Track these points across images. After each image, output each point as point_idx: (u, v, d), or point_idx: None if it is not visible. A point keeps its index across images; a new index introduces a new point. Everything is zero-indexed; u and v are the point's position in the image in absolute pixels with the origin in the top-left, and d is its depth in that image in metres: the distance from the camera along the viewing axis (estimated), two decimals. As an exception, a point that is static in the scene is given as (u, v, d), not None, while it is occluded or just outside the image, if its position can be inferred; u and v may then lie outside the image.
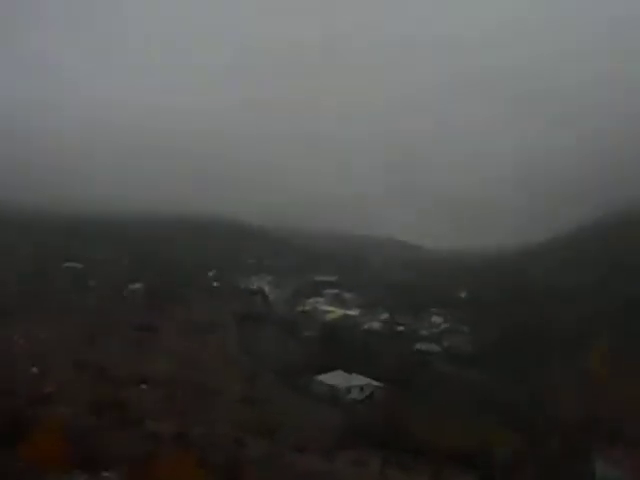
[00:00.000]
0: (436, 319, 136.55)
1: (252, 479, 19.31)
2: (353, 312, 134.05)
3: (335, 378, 71.99)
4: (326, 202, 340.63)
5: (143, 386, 51.69)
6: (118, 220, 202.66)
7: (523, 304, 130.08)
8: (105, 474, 18.34)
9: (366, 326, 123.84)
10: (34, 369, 47.39)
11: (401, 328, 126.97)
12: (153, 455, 20.44)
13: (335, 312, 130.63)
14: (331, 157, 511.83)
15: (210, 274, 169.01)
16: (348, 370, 75.33)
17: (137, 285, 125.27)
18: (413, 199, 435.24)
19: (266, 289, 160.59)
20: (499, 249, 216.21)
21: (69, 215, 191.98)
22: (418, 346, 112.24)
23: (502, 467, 40.81)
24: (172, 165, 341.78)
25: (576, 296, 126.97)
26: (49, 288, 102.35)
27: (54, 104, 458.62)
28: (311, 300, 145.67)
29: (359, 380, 72.27)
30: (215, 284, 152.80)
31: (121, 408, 31.91)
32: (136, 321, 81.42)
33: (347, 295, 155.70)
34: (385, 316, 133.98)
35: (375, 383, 71.67)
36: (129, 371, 55.02)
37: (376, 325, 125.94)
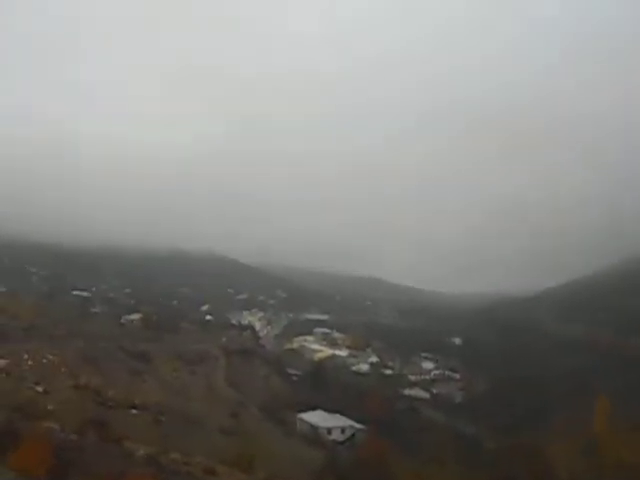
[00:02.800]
0: (427, 365, 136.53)
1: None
2: (342, 352, 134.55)
3: (316, 417, 72.27)
4: (324, 243, 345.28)
5: (133, 411, 52.72)
6: (121, 254, 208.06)
7: (518, 354, 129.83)
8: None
9: (354, 367, 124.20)
10: (38, 388, 48.39)
11: (389, 372, 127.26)
12: (123, 474, 21.90)
13: (324, 351, 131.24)
14: (328, 201, 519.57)
15: (203, 308, 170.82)
16: (333, 410, 75.58)
17: (135, 315, 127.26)
18: (411, 245, 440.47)
19: (257, 325, 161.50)
20: (496, 296, 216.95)
21: (74, 247, 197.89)
22: (406, 392, 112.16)
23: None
24: (168, 202, 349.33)
25: (573, 347, 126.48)
26: (57, 314, 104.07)
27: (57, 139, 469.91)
28: (300, 338, 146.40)
29: (341, 421, 72.47)
30: (207, 317, 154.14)
31: (105, 428, 33.21)
32: (132, 349, 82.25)
33: (337, 335, 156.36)
34: (374, 359, 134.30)
35: (357, 425, 71.68)
36: (122, 395, 56.14)
37: (364, 367, 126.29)
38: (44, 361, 58.28)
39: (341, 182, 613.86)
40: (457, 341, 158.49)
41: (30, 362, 56.14)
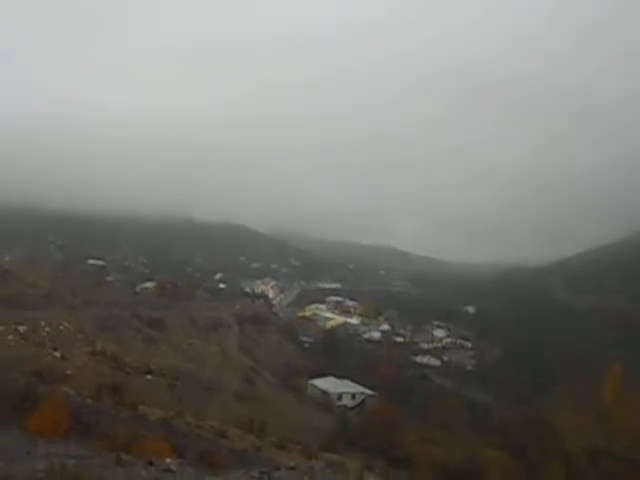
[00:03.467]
0: (439, 333, 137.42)
1: (226, 467, 21.26)
2: (354, 320, 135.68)
3: (327, 383, 73.58)
4: (334, 211, 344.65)
5: (148, 376, 53.89)
6: (136, 223, 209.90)
7: (530, 323, 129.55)
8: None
9: (366, 335, 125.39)
10: (56, 353, 49.52)
11: (401, 339, 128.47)
12: (137, 436, 22.52)
13: (336, 319, 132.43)
14: (339, 170, 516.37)
15: (217, 276, 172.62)
16: (343, 377, 76.83)
17: (149, 283, 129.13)
18: (424, 212, 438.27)
19: (270, 293, 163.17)
20: (508, 266, 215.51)
21: (90, 216, 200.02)
22: (418, 359, 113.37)
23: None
24: (183, 171, 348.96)
25: (585, 316, 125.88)
26: (74, 282, 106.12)
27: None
28: (313, 306, 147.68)
29: (351, 387, 73.77)
30: (221, 286, 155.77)
31: (120, 392, 34.15)
32: (147, 316, 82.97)
33: (349, 303, 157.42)
34: (386, 327, 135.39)
35: (368, 391, 72.91)
36: (138, 361, 57.21)
37: (376, 335, 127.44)
38: (61, 328, 59.63)
39: (348, 149, 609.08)
40: (470, 310, 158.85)
41: (47, 329, 57.46)
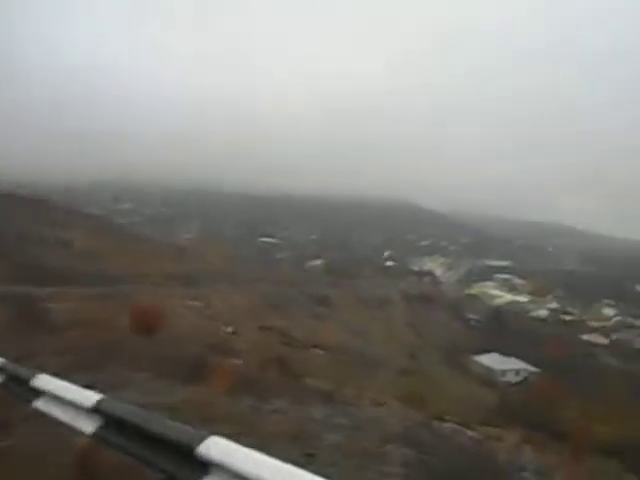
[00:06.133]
0: (608, 311, 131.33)
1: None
2: (522, 298, 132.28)
3: (491, 359, 74.15)
4: (504, 187, 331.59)
5: (315, 350, 54.08)
6: (310, 202, 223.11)
7: None
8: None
9: (533, 313, 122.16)
10: (228, 328, 49.97)
11: (568, 318, 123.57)
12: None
13: (504, 297, 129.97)
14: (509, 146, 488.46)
15: (385, 254, 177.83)
16: (509, 354, 76.52)
17: (318, 261, 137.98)
18: (590, 187, 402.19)
19: (437, 271, 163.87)
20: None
21: (267, 197, 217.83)
22: (585, 337, 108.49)
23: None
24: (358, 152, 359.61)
25: None
26: (246, 259, 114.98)
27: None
28: (480, 284, 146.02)
29: (515, 364, 73.48)
30: (388, 263, 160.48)
31: (286, 365, 38.94)
32: (314, 293, 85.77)
33: (518, 281, 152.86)
34: (554, 305, 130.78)
35: (532, 368, 72.08)
36: (304, 336, 58.32)
37: (543, 313, 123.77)
38: (232, 304, 60.64)
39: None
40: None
41: (219, 305, 58.49)
